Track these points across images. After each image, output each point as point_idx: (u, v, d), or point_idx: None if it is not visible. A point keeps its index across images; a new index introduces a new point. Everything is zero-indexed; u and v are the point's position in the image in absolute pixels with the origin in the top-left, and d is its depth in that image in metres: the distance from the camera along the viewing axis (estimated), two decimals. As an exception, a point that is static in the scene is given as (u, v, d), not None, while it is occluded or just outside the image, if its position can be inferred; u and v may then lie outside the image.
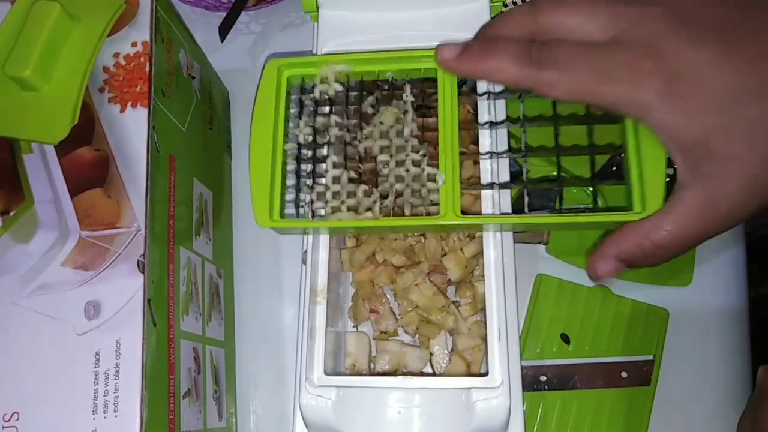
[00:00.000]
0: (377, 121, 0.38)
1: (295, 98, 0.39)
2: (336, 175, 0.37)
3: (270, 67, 0.38)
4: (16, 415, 0.33)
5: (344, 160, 0.37)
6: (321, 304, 0.38)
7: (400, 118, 0.38)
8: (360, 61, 0.38)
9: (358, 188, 0.36)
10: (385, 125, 0.38)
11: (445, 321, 0.43)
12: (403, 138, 0.37)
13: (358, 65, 0.38)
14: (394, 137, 0.37)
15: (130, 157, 0.37)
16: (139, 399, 0.33)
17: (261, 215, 0.36)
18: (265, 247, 0.52)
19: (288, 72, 0.38)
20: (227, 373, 0.47)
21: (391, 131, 0.37)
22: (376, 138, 0.37)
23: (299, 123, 0.38)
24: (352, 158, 0.38)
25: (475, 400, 0.35)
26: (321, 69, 0.38)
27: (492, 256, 0.38)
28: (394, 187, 0.36)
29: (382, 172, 0.37)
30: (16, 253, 0.36)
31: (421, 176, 0.36)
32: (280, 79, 0.38)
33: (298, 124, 0.38)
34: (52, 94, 0.38)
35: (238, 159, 0.55)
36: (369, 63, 0.38)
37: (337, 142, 0.38)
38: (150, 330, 0.35)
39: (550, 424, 0.44)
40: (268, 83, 0.38)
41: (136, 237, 0.36)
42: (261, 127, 0.37)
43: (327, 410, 0.36)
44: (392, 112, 0.38)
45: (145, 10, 0.40)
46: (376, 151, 0.37)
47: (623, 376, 0.45)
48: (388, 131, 0.38)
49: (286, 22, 0.58)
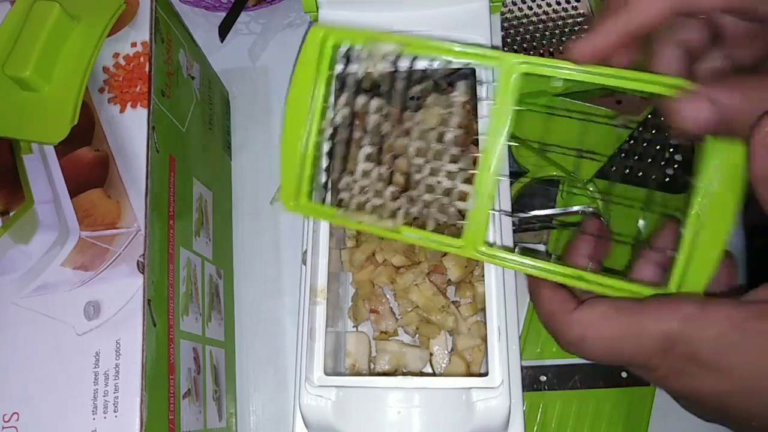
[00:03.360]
0: (418, 119, 0.35)
1: (335, 73, 0.35)
2: (367, 169, 0.35)
3: (313, 35, 0.33)
4: (16, 415, 0.33)
5: (378, 153, 0.35)
6: (321, 304, 0.38)
7: (445, 119, 0.34)
8: (419, 46, 0.33)
9: (386, 189, 0.34)
10: (426, 125, 0.34)
11: (445, 321, 0.43)
12: (443, 144, 0.34)
13: (415, 48, 0.33)
14: (433, 140, 0.34)
15: (130, 157, 0.37)
16: (139, 399, 0.33)
17: (288, 198, 0.35)
18: (265, 247, 0.52)
19: (332, 41, 0.34)
20: (227, 373, 0.47)
21: (432, 133, 0.34)
22: (414, 138, 0.34)
23: (337, 101, 0.35)
24: (387, 152, 0.35)
25: (475, 400, 0.35)
26: (370, 45, 0.34)
27: (492, 256, 0.38)
28: (423, 198, 0.34)
29: (414, 176, 0.35)
30: (16, 253, 0.36)
31: (453, 192, 0.34)
32: (324, 49, 0.34)
33: (336, 102, 0.35)
34: (52, 94, 0.38)
35: (238, 159, 0.55)
36: (428, 49, 0.33)
37: (374, 131, 0.35)
38: (150, 330, 0.35)
39: (550, 424, 0.44)
40: (310, 53, 0.34)
41: (136, 237, 0.36)
42: (297, 103, 0.34)
43: (327, 410, 0.36)
44: (436, 113, 0.34)
45: (144, 11, 0.40)
46: (412, 153, 0.35)
47: (623, 376, 0.45)
48: (428, 132, 0.34)
49: (286, 22, 0.58)
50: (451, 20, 0.41)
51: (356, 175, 0.35)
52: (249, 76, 0.57)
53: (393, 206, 0.34)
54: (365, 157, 0.35)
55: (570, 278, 0.31)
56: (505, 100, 0.31)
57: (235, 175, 0.54)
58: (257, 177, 0.54)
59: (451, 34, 0.40)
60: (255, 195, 0.53)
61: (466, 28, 0.41)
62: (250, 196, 0.54)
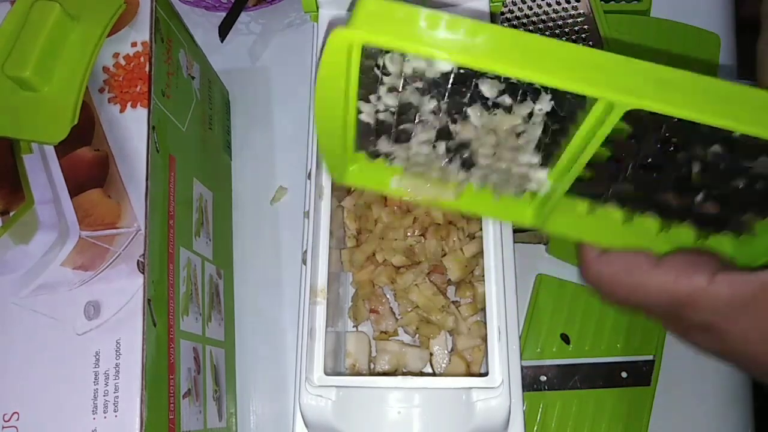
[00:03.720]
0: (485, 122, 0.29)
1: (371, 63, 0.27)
2: (424, 139, 0.29)
3: (334, 44, 0.25)
4: (16, 415, 0.33)
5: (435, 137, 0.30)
6: (321, 304, 0.38)
7: (519, 133, 0.29)
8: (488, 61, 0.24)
9: (450, 161, 0.30)
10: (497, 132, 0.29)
11: (445, 321, 0.43)
12: (517, 144, 0.29)
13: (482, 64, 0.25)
14: (504, 140, 0.29)
15: (130, 157, 0.37)
16: (139, 399, 0.33)
17: (335, 168, 0.32)
18: (265, 247, 0.52)
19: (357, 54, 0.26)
20: (227, 373, 0.47)
21: (504, 133, 0.29)
22: (482, 135, 0.29)
23: (378, 90, 0.28)
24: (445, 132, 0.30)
25: (475, 400, 0.35)
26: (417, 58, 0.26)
27: (492, 256, 0.38)
28: (490, 177, 0.31)
29: (480, 162, 0.31)
30: (16, 253, 0.36)
31: (526, 176, 0.31)
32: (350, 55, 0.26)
33: (377, 90, 0.28)
34: (52, 94, 0.38)
35: (238, 159, 0.55)
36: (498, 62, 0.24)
37: (427, 124, 0.29)
38: (150, 330, 0.35)
39: (550, 424, 0.44)
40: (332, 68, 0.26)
41: (136, 237, 0.36)
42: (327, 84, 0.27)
43: (327, 410, 0.36)
44: (510, 122, 0.28)
45: (144, 11, 0.40)
46: (476, 147, 0.30)
47: (623, 376, 0.45)
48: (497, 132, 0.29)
49: (286, 22, 0.58)
50: (451, 20, 0.41)
51: (413, 146, 0.30)
52: (249, 76, 0.57)
53: (459, 177, 0.32)
54: (425, 130, 0.30)
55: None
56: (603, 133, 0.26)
57: (235, 175, 0.54)
58: (257, 177, 0.54)
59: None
60: (255, 195, 0.53)
61: (466, 28, 0.40)
62: (250, 196, 0.54)
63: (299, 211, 0.45)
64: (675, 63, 0.25)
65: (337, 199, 0.44)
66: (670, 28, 0.52)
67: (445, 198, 0.33)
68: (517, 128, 0.28)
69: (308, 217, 0.40)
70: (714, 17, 0.55)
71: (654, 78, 0.25)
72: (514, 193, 0.33)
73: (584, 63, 0.25)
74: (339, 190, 0.45)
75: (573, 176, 0.29)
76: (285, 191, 0.53)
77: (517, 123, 0.28)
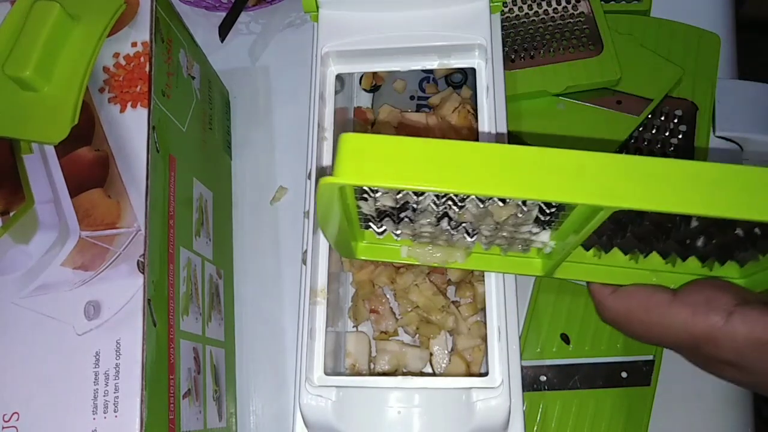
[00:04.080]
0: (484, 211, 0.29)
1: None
2: (427, 221, 0.30)
3: (323, 190, 0.26)
4: (16, 415, 0.33)
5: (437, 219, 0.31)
6: (321, 304, 0.38)
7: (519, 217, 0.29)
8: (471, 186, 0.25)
9: (456, 232, 0.31)
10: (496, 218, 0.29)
11: (445, 321, 0.43)
12: (517, 221, 0.30)
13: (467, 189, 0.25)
14: (503, 222, 0.30)
15: (130, 157, 0.37)
16: (139, 399, 0.33)
17: (345, 252, 0.34)
18: (265, 247, 0.52)
19: (350, 193, 0.28)
20: (227, 373, 0.47)
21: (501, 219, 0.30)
22: (481, 218, 0.30)
23: (375, 194, 0.29)
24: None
25: (475, 400, 0.35)
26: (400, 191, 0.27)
27: (492, 256, 0.38)
28: (496, 241, 0.32)
29: (483, 233, 0.31)
30: (16, 253, 0.36)
31: (529, 238, 0.31)
32: (342, 192, 0.28)
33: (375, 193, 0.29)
34: (52, 94, 0.38)
35: (238, 159, 0.55)
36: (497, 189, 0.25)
37: (427, 212, 0.30)
38: (150, 330, 0.35)
39: (550, 424, 0.44)
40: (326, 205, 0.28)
41: (136, 237, 0.36)
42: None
43: (327, 410, 0.36)
44: (506, 212, 0.29)
45: (144, 11, 0.40)
46: (478, 224, 0.30)
47: (623, 376, 0.45)
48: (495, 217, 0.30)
49: (286, 22, 0.58)
50: (451, 20, 0.41)
51: (417, 226, 0.31)
52: (249, 76, 0.57)
53: (465, 243, 0.33)
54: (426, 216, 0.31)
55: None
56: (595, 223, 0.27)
57: (235, 175, 0.54)
58: (257, 177, 0.54)
59: (451, 34, 0.40)
60: (255, 195, 0.53)
61: (466, 28, 0.40)
62: (250, 196, 0.54)
63: (299, 211, 0.45)
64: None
65: (337, 199, 0.44)
66: (670, 28, 0.52)
67: (454, 261, 0.34)
68: (514, 215, 0.29)
69: (308, 217, 0.40)
70: (714, 17, 0.55)
71: (638, 174, 0.25)
72: (520, 250, 0.34)
73: (565, 168, 0.25)
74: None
75: (575, 246, 0.30)
76: (285, 191, 0.53)
77: (512, 212, 0.29)
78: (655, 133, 0.49)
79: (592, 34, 0.50)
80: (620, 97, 0.49)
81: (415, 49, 0.42)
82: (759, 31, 1.00)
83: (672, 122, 0.49)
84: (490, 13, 0.42)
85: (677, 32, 0.52)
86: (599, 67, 0.49)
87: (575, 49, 0.50)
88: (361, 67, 0.43)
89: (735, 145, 0.51)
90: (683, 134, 0.49)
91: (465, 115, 0.47)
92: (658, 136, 0.49)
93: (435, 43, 0.41)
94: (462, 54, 0.42)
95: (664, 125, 0.49)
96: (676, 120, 0.49)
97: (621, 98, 0.49)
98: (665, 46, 0.51)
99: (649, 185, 0.24)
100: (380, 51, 0.42)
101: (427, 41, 0.41)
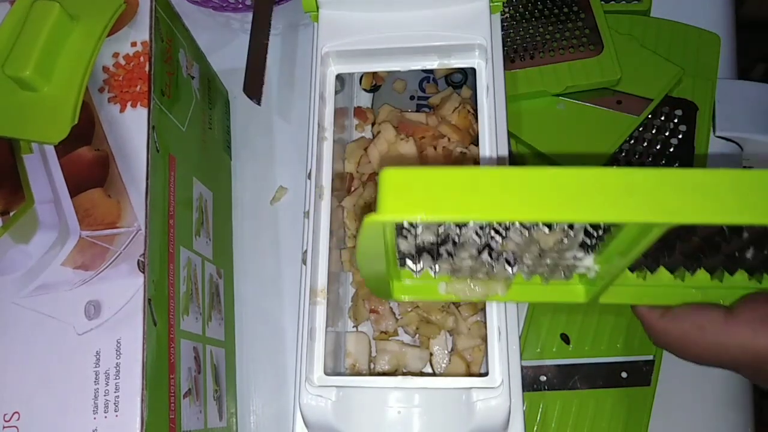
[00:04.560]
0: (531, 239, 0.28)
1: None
2: (467, 255, 0.30)
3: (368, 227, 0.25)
4: (17, 415, 0.33)
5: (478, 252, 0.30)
6: (321, 304, 0.38)
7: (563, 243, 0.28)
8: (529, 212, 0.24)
9: (497, 263, 0.31)
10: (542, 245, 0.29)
11: (445, 321, 0.43)
12: (562, 247, 0.29)
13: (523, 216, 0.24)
14: (548, 248, 0.29)
15: (130, 157, 0.37)
16: (139, 399, 0.33)
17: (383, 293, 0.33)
18: (265, 247, 0.52)
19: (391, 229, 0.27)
20: (227, 373, 0.47)
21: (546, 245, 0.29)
22: (525, 246, 0.29)
23: (416, 230, 0.29)
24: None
25: (475, 400, 0.35)
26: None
27: (492, 256, 0.38)
28: (538, 270, 0.31)
29: (525, 262, 0.31)
30: (16, 253, 0.36)
31: (572, 264, 0.31)
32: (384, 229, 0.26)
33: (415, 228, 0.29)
34: (52, 94, 0.38)
35: (238, 159, 0.55)
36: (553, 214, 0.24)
37: (468, 244, 0.29)
38: (150, 330, 0.35)
39: (550, 424, 0.44)
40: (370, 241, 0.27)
41: (136, 237, 0.36)
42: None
43: (327, 410, 0.36)
44: (552, 238, 0.28)
45: (144, 10, 0.40)
46: (521, 254, 0.30)
47: (623, 376, 0.45)
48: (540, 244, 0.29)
49: (287, 23, 0.58)
50: (451, 20, 0.41)
51: (456, 261, 0.31)
52: (249, 76, 0.57)
53: (506, 274, 0.32)
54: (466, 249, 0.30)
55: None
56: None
57: (235, 175, 0.54)
58: (257, 177, 0.54)
59: (451, 34, 0.40)
60: (255, 195, 0.53)
61: (466, 28, 0.41)
62: (250, 196, 0.54)
63: (299, 211, 0.45)
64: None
65: (337, 199, 0.44)
66: (670, 28, 0.52)
67: (494, 294, 0.33)
68: (559, 240, 0.28)
69: (308, 217, 0.40)
70: (714, 17, 0.55)
71: (691, 186, 0.24)
72: (563, 277, 0.32)
73: (614, 186, 0.24)
74: (339, 190, 0.45)
75: (623, 269, 0.29)
76: (285, 191, 0.53)
77: (559, 238, 0.28)
78: (655, 133, 0.49)
79: (592, 34, 0.50)
80: (620, 97, 0.49)
81: (415, 49, 0.42)
82: (759, 31, 1.00)
83: (672, 122, 0.49)
84: (490, 13, 0.42)
85: (677, 32, 0.52)
86: (599, 67, 0.49)
87: (575, 49, 0.50)
88: (361, 67, 0.43)
89: (735, 145, 0.51)
90: (683, 134, 0.49)
91: (465, 115, 0.47)
92: (658, 136, 0.49)
93: (435, 43, 0.41)
94: (462, 54, 0.42)
95: (664, 125, 0.49)
96: (676, 120, 0.49)
97: (621, 98, 0.49)
98: (665, 46, 0.51)
99: (704, 197, 0.23)
100: (380, 51, 0.42)
101: (427, 41, 0.41)
